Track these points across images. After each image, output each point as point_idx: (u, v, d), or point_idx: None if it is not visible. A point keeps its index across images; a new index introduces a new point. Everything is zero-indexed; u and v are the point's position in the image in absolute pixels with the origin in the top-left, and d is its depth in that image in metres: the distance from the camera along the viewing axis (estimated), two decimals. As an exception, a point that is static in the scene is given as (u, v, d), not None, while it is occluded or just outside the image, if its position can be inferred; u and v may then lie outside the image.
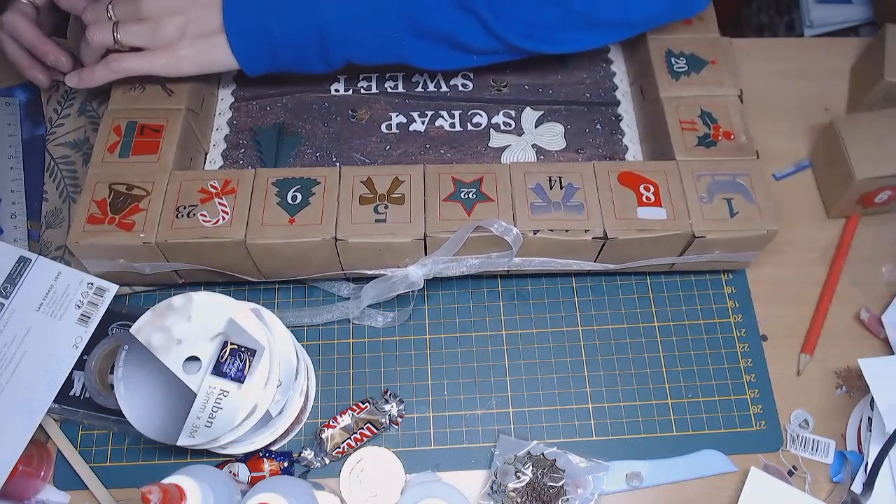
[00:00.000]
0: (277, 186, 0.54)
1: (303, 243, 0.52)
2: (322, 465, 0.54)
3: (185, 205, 0.53)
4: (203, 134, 0.62)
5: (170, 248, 0.53)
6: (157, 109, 0.58)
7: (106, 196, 0.54)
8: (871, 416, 0.54)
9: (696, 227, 0.53)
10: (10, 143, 0.65)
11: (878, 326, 0.59)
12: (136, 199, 0.54)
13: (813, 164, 0.67)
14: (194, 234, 0.52)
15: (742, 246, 0.55)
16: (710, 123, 0.58)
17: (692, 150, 0.56)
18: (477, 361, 0.59)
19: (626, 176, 0.55)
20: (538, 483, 0.53)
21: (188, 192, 0.54)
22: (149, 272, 0.55)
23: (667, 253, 0.56)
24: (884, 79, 0.63)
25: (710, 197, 0.54)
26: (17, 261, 0.55)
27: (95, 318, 0.54)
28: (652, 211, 0.53)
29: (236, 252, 0.53)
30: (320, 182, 0.55)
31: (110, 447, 0.55)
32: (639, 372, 0.58)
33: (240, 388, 0.46)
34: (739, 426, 0.57)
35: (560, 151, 0.62)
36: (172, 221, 0.53)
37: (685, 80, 0.60)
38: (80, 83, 0.57)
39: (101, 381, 0.53)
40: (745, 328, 0.60)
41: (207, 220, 0.53)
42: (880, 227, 0.64)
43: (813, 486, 0.55)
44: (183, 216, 0.53)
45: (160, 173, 0.55)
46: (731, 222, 0.53)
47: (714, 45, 0.62)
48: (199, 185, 0.54)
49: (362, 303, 0.57)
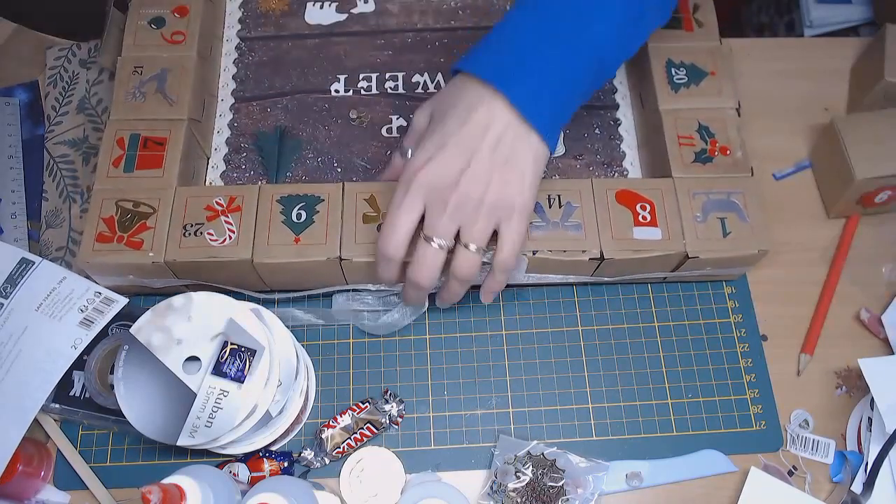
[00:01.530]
0: (282, 204, 0.55)
1: (308, 262, 0.53)
2: (322, 465, 0.54)
3: (192, 223, 0.54)
4: (205, 139, 0.62)
5: (179, 267, 0.54)
6: (160, 120, 0.58)
7: (113, 213, 0.54)
8: (871, 416, 0.54)
9: (690, 248, 0.54)
10: (10, 143, 0.65)
11: (878, 326, 0.59)
12: (143, 217, 0.54)
13: (813, 164, 0.67)
14: (201, 254, 0.53)
15: (733, 264, 0.57)
16: (708, 138, 0.58)
17: (689, 167, 0.57)
18: (477, 361, 0.59)
19: (624, 194, 0.56)
20: (538, 483, 0.53)
21: (194, 209, 0.55)
22: (159, 286, 0.56)
23: (660, 269, 0.57)
24: (884, 79, 0.63)
25: (704, 216, 0.55)
26: (18, 262, 0.55)
27: (99, 324, 0.54)
28: (648, 231, 0.54)
29: (243, 269, 0.54)
30: (324, 199, 0.55)
31: (110, 447, 0.55)
32: (639, 372, 0.58)
33: (240, 388, 0.46)
34: (739, 426, 0.57)
35: (559, 157, 0.63)
36: (180, 240, 0.53)
37: (685, 91, 0.60)
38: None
39: (101, 381, 0.53)
40: (745, 328, 0.60)
41: (214, 240, 0.53)
42: (880, 227, 0.64)
43: (813, 486, 0.55)
44: (190, 234, 0.54)
45: (166, 190, 0.55)
46: (723, 242, 0.54)
47: (714, 55, 0.62)
48: (205, 202, 0.55)
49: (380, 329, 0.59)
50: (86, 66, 0.68)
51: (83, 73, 0.68)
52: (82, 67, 0.68)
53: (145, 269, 0.54)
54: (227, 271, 0.55)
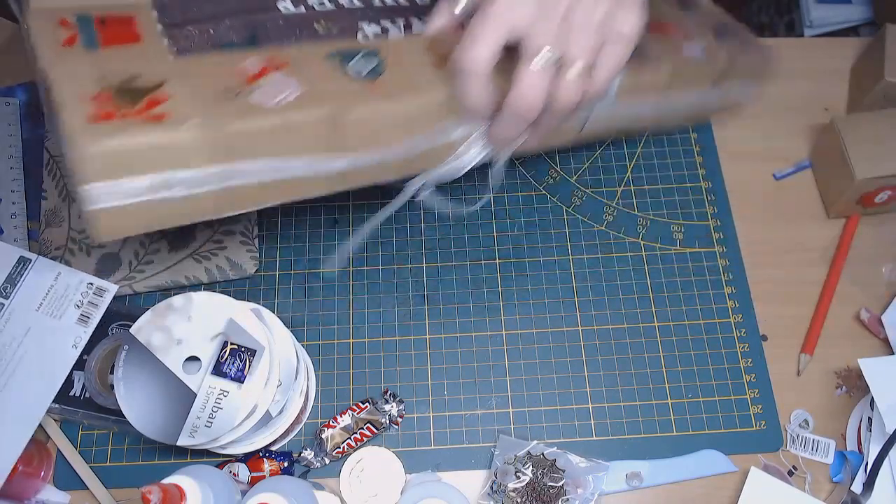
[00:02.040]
0: (336, 57, 0.43)
1: (401, 108, 0.42)
2: (322, 465, 0.54)
3: (225, 88, 0.39)
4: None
5: (229, 142, 0.38)
6: (115, 6, 0.43)
7: (100, 90, 0.37)
8: (871, 416, 0.54)
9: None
10: (10, 143, 0.65)
11: (878, 326, 0.59)
12: (150, 90, 0.38)
13: (813, 164, 0.67)
14: (259, 119, 0.39)
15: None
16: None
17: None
18: (477, 361, 0.59)
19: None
20: (538, 483, 0.53)
21: (218, 78, 0.40)
22: (182, 194, 0.39)
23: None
24: (884, 79, 0.63)
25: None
26: (17, 261, 0.55)
27: (95, 318, 0.54)
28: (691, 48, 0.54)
29: (318, 137, 0.41)
30: (380, 50, 0.45)
31: (110, 447, 0.55)
32: (639, 372, 0.58)
33: (240, 388, 0.46)
34: (739, 426, 0.57)
35: None
36: (221, 104, 0.38)
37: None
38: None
39: (101, 381, 0.53)
40: (745, 328, 0.60)
41: (270, 98, 0.40)
42: (880, 227, 0.64)
43: (813, 486, 0.55)
44: (231, 98, 0.39)
45: (160, 61, 0.40)
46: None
47: None
48: (229, 69, 0.41)
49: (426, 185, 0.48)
50: (86, 66, 0.68)
51: (83, 73, 0.68)
52: (82, 67, 0.68)
53: (178, 153, 0.37)
54: (297, 138, 0.40)
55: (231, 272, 0.60)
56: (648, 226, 0.63)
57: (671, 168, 0.66)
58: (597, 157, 0.66)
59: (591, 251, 0.62)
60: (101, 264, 0.60)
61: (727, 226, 0.63)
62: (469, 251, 0.62)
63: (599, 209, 0.64)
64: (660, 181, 0.65)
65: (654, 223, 0.64)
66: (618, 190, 0.65)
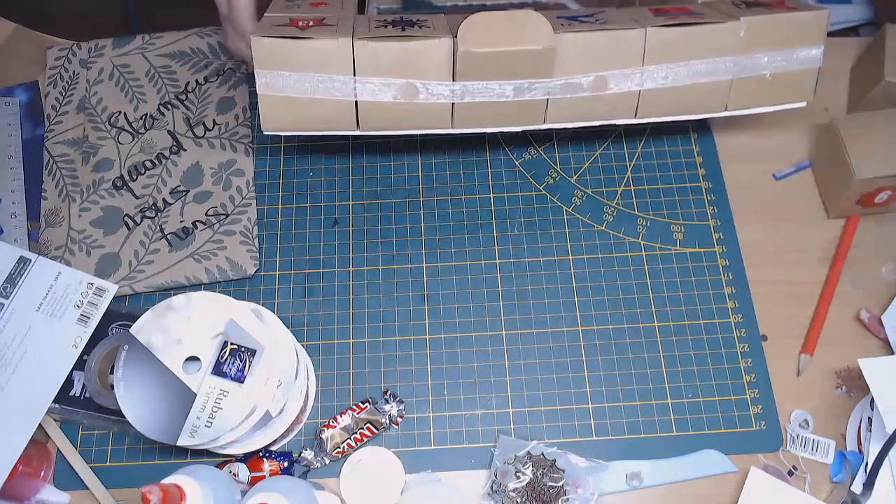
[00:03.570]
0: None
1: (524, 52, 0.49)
2: (322, 465, 0.54)
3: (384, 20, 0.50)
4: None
5: (371, 53, 0.48)
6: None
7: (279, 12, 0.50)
8: (871, 416, 0.54)
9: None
10: (10, 143, 0.65)
11: (878, 326, 0.59)
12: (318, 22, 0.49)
13: (813, 164, 0.67)
14: (393, 42, 0.48)
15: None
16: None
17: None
18: (477, 361, 0.59)
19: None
20: (538, 483, 0.53)
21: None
22: (330, 97, 0.49)
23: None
24: (884, 79, 0.63)
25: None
26: (17, 261, 0.56)
27: (95, 317, 0.54)
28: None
29: (444, 56, 0.49)
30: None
31: (110, 447, 0.55)
32: (639, 372, 0.58)
33: (240, 388, 0.46)
34: (739, 426, 0.57)
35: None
36: (370, 27, 0.49)
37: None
38: None
39: (101, 381, 0.53)
40: (745, 328, 0.60)
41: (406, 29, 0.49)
42: (880, 227, 0.64)
43: (813, 486, 0.55)
44: (382, 26, 0.49)
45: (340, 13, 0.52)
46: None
47: None
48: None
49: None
50: (86, 66, 0.68)
51: (83, 73, 0.68)
52: (82, 67, 0.68)
53: (331, 59, 0.47)
54: (430, 55, 0.49)
55: (231, 272, 0.60)
56: (648, 226, 0.63)
57: (671, 168, 0.66)
58: (597, 157, 0.66)
59: (591, 251, 0.62)
60: (101, 264, 0.60)
61: (727, 226, 0.63)
62: (469, 251, 0.62)
63: (599, 209, 0.64)
64: (660, 181, 0.65)
65: (654, 223, 0.64)
66: (618, 190, 0.65)
